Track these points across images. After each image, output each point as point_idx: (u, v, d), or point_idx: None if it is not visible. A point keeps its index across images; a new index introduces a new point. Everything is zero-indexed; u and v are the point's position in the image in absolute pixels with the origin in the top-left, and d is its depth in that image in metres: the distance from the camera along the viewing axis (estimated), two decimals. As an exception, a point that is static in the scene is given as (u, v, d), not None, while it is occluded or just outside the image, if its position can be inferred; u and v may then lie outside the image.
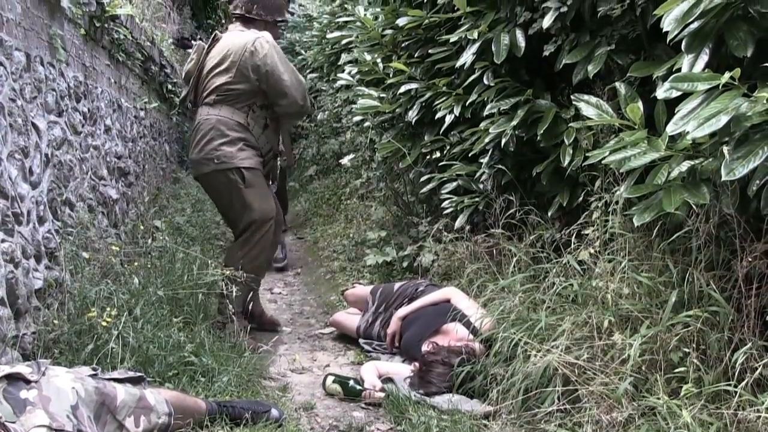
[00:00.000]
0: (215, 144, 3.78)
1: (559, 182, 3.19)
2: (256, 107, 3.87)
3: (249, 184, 3.81)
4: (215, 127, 3.79)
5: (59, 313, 2.93)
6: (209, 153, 3.78)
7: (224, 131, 3.79)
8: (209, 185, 3.95)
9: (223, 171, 3.79)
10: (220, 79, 3.81)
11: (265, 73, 3.76)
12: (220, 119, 3.80)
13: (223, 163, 3.78)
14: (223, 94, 3.82)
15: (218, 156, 3.77)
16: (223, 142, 3.78)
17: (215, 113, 3.82)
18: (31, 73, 2.98)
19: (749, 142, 1.90)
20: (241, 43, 3.79)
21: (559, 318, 2.66)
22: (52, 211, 3.17)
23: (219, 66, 3.82)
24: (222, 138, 3.78)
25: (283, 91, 3.80)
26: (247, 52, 3.76)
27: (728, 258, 2.28)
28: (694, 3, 2.06)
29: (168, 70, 6.94)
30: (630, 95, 2.52)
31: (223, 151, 3.77)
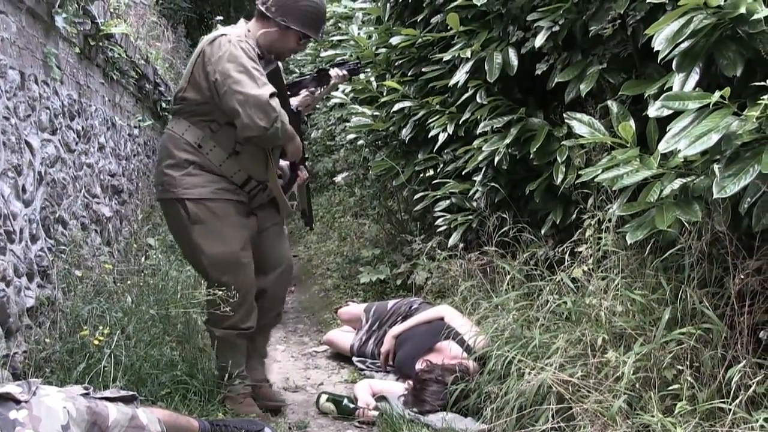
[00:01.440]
0: (162, 166, 2.95)
1: (552, 200, 3.20)
2: (216, 125, 2.90)
3: (196, 220, 2.89)
4: (165, 144, 2.98)
5: (51, 331, 2.91)
6: (157, 176, 3.02)
7: (171, 150, 2.92)
8: (164, 215, 3.23)
9: (166, 201, 2.99)
10: (180, 86, 2.99)
11: (213, 83, 2.80)
12: (171, 135, 2.96)
13: (165, 191, 2.94)
14: (178, 103, 2.98)
15: (163, 182, 2.94)
16: (169, 164, 2.92)
17: (169, 127, 3.02)
18: (25, 92, 2.99)
19: (740, 160, 1.92)
20: (201, 45, 2.91)
21: (552, 336, 2.65)
22: (45, 229, 3.16)
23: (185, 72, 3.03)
24: (168, 159, 2.93)
25: (232, 107, 2.75)
26: (201, 54, 2.86)
27: (721, 275, 2.29)
28: (684, 23, 2.08)
29: (162, 88, 6.95)
30: (622, 113, 2.54)
31: (167, 176, 2.91)
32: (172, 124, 2.99)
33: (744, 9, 1.94)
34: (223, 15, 11.28)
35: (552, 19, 2.97)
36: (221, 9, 13.00)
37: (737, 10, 1.95)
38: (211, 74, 2.78)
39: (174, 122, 2.98)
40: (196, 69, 2.86)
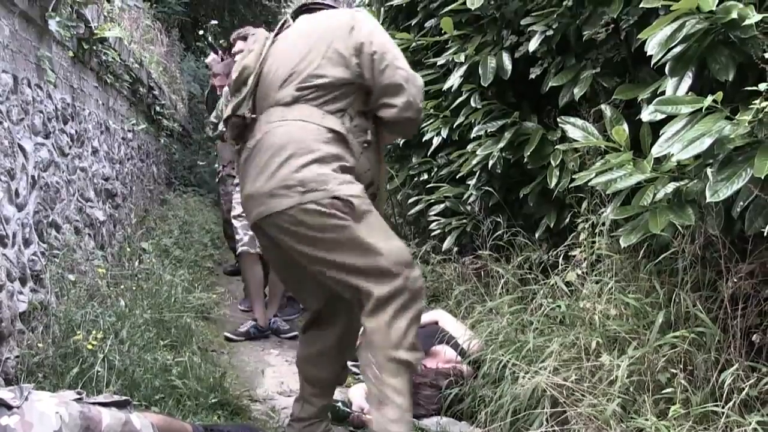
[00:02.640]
0: (298, 163, 2.31)
1: (546, 204, 3.21)
2: (353, 112, 2.43)
3: (360, 216, 2.31)
4: (296, 137, 2.34)
5: (44, 336, 2.90)
6: (287, 178, 2.30)
7: (310, 144, 2.32)
8: (287, 231, 2.34)
9: (313, 204, 2.28)
10: (301, 66, 2.40)
11: (371, 56, 2.37)
12: (303, 125, 2.35)
13: (311, 192, 2.28)
14: (305, 87, 2.38)
15: (303, 181, 2.29)
16: (311, 160, 2.31)
17: (293, 116, 2.37)
18: (18, 95, 2.98)
19: (732, 164, 1.93)
20: (334, 17, 2.52)
21: (547, 339, 2.66)
22: (38, 233, 3.15)
23: (298, 50, 2.44)
24: (308, 154, 2.31)
25: (395, 83, 2.39)
26: (345, 26, 2.42)
27: (714, 279, 2.29)
28: (676, 28, 2.09)
29: (156, 92, 6.95)
30: (615, 117, 2.55)
31: (310, 173, 2.29)
32: (297, 112, 2.38)
33: (736, 14, 1.95)
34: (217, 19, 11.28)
35: (546, 23, 2.98)
36: (215, 13, 13.00)
37: (729, 15, 1.96)
38: (367, 45, 2.38)
39: (297, 110, 2.38)
40: (337, 42, 2.39)
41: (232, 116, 2.48)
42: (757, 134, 1.88)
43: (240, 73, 2.48)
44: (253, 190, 2.37)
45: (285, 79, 2.40)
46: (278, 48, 2.49)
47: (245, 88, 2.47)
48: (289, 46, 2.47)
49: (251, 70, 2.47)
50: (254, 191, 2.37)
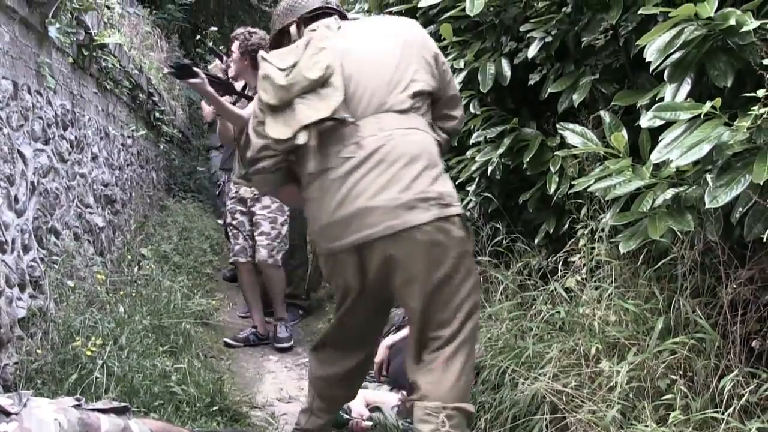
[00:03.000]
0: (432, 175, 2.18)
1: (546, 210, 3.21)
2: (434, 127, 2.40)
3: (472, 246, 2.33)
4: (427, 148, 2.22)
5: (43, 342, 2.89)
6: (426, 190, 2.14)
7: (436, 156, 2.26)
8: (421, 247, 2.13)
9: (451, 220, 2.17)
10: (404, 72, 2.27)
11: (443, 66, 2.40)
12: (425, 136, 2.25)
13: (449, 206, 2.17)
14: (413, 95, 2.26)
15: (442, 194, 2.16)
16: (440, 172, 2.23)
17: (412, 125, 2.24)
18: (18, 101, 2.98)
19: (731, 170, 1.93)
20: (402, 22, 2.48)
21: (546, 345, 2.66)
22: (38, 239, 3.15)
23: (393, 54, 2.29)
24: (437, 166, 2.23)
25: (457, 95, 2.51)
26: (419, 34, 2.39)
27: (713, 285, 2.29)
28: (675, 34, 2.10)
29: (156, 98, 6.95)
30: (614, 124, 2.55)
31: (445, 187, 2.20)
32: (415, 123, 2.25)
33: (734, 21, 1.96)
34: (217, 25, 11.30)
35: (545, 29, 2.98)
36: (215, 19, 13.02)
37: (727, 22, 1.97)
38: (440, 56, 2.39)
39: (414, 120, 2.26)
40: (422, 50, 2.33)
41: (327, 119, 2.15)
42: (755, 140, 1.89)
43: (324, 71, 2.18)
44: (379, 202, 2.12)
45: (395, 85, 2.24)
46: (358, 50, 2.29)
47: (333, 90, 2.18)
48: (373, 49, 2.30)
49: (333, 69, 2.20)
50: (381, 203, 2.11)
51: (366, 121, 2.20)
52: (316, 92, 2.17)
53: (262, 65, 2.28)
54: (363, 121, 2.20)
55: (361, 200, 2.13)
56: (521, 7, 3.19)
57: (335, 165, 2.18)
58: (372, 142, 2.17)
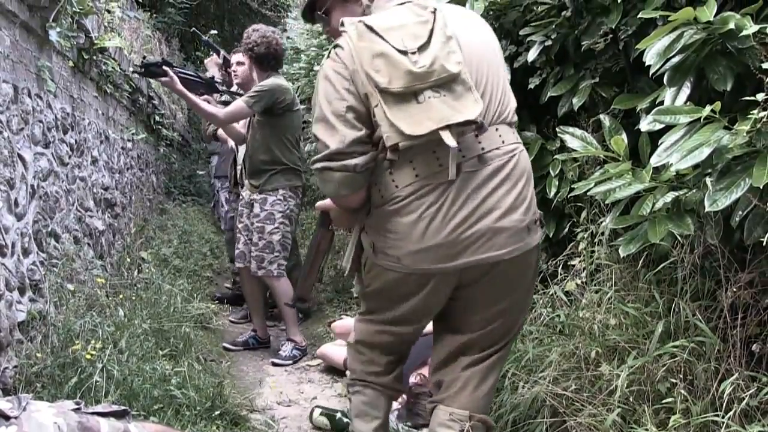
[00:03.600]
0: (534, 194, 2.09)
1: (546, 213, 3.19)
2: None
3: None
4: (529, 167, 2.08)
5: (42, 346, 2.89)
6: (536, 211, 2.07)
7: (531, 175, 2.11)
8: (522, 271, 2.06)
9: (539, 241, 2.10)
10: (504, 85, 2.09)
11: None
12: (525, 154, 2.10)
13: (540, 227, 2.11)
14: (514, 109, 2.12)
15: (540, 215, 2.11)
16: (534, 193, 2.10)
17: (518, 139, 2.09)
18: (19, 105, 2.98)
19: (731, 174, 1.94)
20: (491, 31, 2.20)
21: (546, 349, 2.66)
22: (38, 242, 3.15)
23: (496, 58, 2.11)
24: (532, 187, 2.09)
25: None
26: (496, 42, 2.18)
27: (713, 288, 2.29)
28: (675, 38, 2.10)
29: (156, 102, 6.96)
30: (614, 127, 2.56)
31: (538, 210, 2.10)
32: (517, 137, 2.08)
33: (733, 25, 1.96)
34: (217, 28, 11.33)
35: (544, 33, 2.99)
36: (215, 22, 13.05)
37: (726, 26, 1.97)
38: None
39: (516, 135, 2.09)
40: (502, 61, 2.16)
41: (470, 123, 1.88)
42: (755, 144, 1.89)
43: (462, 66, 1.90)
44: (508, 223, 1.94)
45: (504, 93, 2.05)
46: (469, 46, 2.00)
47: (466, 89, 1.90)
48: (486, 50, 2.07)
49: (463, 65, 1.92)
50: (509, 224, 1.94)
51: (489, 132, 1.95)
52: (451, 88, 1.88)
53: (363, 35, 1.92)
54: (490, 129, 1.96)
55: (489, 220, 1.92)
56: (521, 10, 3.19)
57: (455, 179, 1.90)
58: (496, 157, 1.95)
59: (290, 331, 4.36)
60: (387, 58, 1.87)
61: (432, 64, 1.86)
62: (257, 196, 4.23)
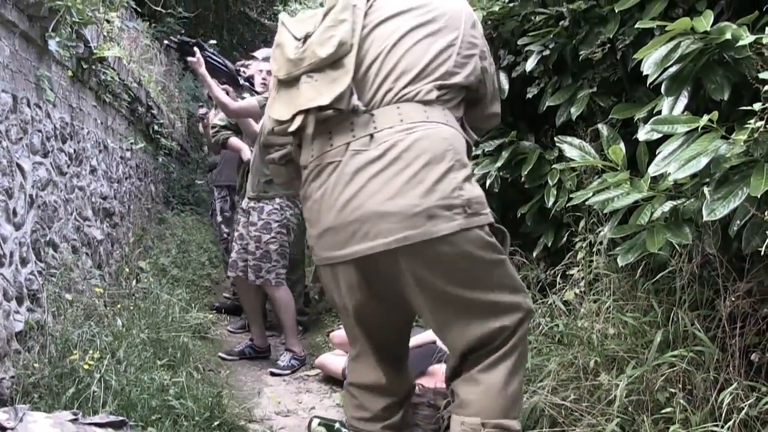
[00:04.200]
0: (458, 177, 1.85)
1: (544, 223, 3.21)
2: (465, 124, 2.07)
3: (507, 251, 2.02)
4: (455, 145, 1.88)
5: (40, 356, 2.88)
6: (451, 195, 1.82)
7: (463, 158, 1.91)
8: (442, 262, 1.85)
9: (478, 231, 1.87)
10: (440, 56, 1.93)
11: (490, 61, 2.10)
12: (453, 132, 1.91)
13: (477, 215, 1.86)
14: (445, 86, 1.93)
15: (470, 200, 1.84)
16: (467, 175, 1.89)
17: (438, 119, 1.90)
18: (18, 114, 2.99)
19: (729, 183, 1.94)
20: (455, 4, 2.04)
21: (545, 358, 2.65)
22: (36, 252, 3.15)
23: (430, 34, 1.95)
24: (464, 168, 1.89)
25: (497, 90, 2.19)
26: (468, 18, 2.03)
27: (712, 297, 2.30)
28: (672, 48, 2.11)
29: (155, 111, 6.97)
30: (612, 137, 2.56)
31: (473, 192, 1.88)
32: (443, 116, 1.91)
33: (730, 35, 1.97)
34: (216, 38, 11.34)
35: (542, 43, 3.00)
36: (214, 32, 13.08)
37: (723, 36, 1.99)
38: (482, 47, 2.04)
39: (443, 113, 1.92)
40: (467, 37, 1.98)
41: (325, 108, 1.84)
42: (752, 153, 1.90)
43: (336, 49, 1.86)
44: (395, 207, 1.77)
45: (420, 71, 1.89)
46: (387, 27, 1.94)
47: (343, 73, 1.85)
48: (406, 26, 1.94)
49: (348, 47, 1.87)
50: (397, 209, 1.77)
51: (384, 110, 1.86)
52: (325, 72, 1.86)
53: (278, 30, 2.01)
54: (380, 110, 1.87)
55: (372, 203, 1.79)
56: (519, 20, 3.21)
57: (342, 159, 1.85)
58: (389, 135, 1.83)
59: (289, 341, 4.34)
60: (281, 48, 1.95)
61: (305, 50, 1.88)
62: (255, 204, 4.22)
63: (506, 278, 1.94)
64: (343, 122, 1.86)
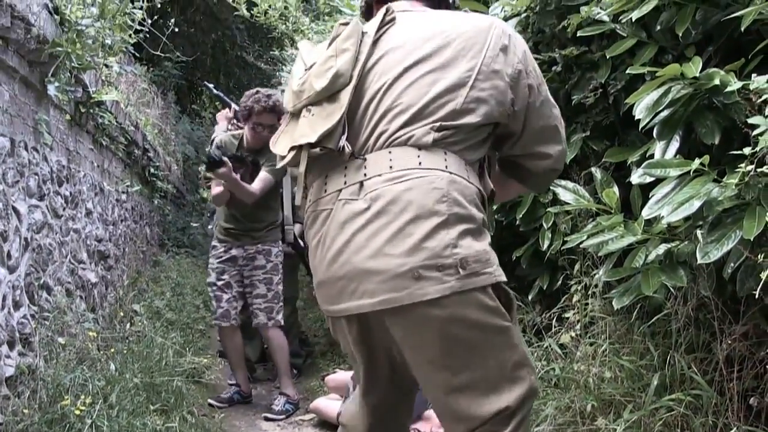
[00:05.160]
0: (452, 234, 1.60)
1: (539, 266, 3.21)
2: (485, 165, 1.82)
3: (515, 318, 1.72)
4: (446, 196, 1.62)
5: (30, 401, 2.84)
6: (441, 253, 1.58)
7: (467, 207, 1.64)
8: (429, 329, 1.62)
9: (475, 293, 1.61)
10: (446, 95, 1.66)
11: (528, 89, 1.74)
12: (453, 179, 1.64)
13: (474, 275, 1.60)
14: (449, 128, 1.66)
15: (465, 259, 1.60)
16: (466, 229, 1.62)
17: (436, 165, 1.65)
18: (15, 158, 3.00)
19: (722, 226, 1.95)
20: (477, 26, 1.73)
21: (542, 403, 2.63)
22: (29, 295, 3.13)
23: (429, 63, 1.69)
24: (464, 223, 1.62)
25: (554, 125, 1.84)
26: (495, 43, 1.71)
27: (708, 340, 2.29)
28: (663, 93, 2.15)
29: (151, 154, 7.01)
30: (606, 180, 2.58)
31: (470, 251, 1.61)
32: (442, 160, 1.66)
33: (718, 80, 2.01)
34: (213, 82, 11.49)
35: (535, 88, 3.04)
36: (211, 75, 13.23)
37: (712, 82, 2.02)
38: (524, 75, 1.73)
39: (442, 157, 1.66)
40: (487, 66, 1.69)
41: (315, 146, 1.67)
42: (744, 196, 1.91)
43: (332, 81, 1.67)
44: (378, 265, 1.59)
45: (419, 111, 1.66)
46: (391, 58, 1.72)
47: (337, 108, 1.66)
48: (411, 57, 1.70)
49: (346, 81, 1.68)
50: (380, 267, 1.59)
51: (376, 155, 1.67)
52: (322, 106, 1.69)
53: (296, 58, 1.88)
54: (372, 155, 1.67)
55: (358, 259, 1.62)
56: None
57: (333, 207, 1.69)
58: (376, 184, 1.63)
59: (283, 382, 4.30)
60: (291, 78, 1.82)
61: (304, 81, 1.73)
62: (261, 247, 4.24)
63: (509, 350, 1.66)
64: (338, 166, 1.69)
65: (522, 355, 1.68)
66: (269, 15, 7.26)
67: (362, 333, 1.75)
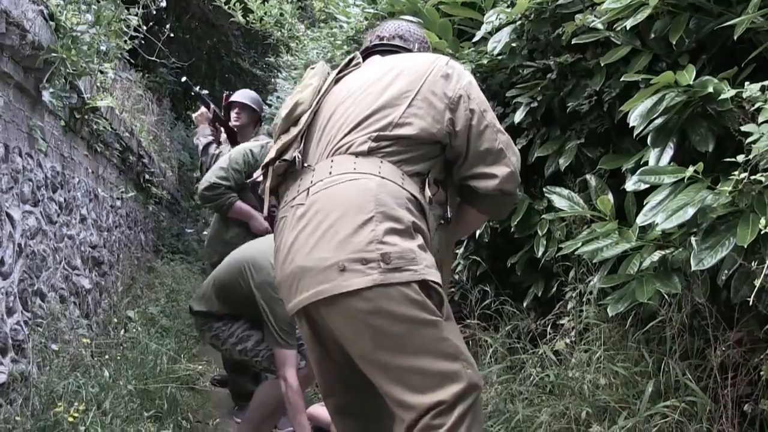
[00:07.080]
0: (378, 231, 1.72)
1: (534, 273, 3.21)
2: (431, 179, 1.93)
3: (448, 315, 1.82)
4: (379, 197, 1.77)
5: (23, 408, 2.83)
6: (364, 248, 1.72)
7: (394, 209, 1.77)
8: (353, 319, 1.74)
9: (398, 287, 1.71)
10: (383, 110, 1.88)
11: (469, 113, 1.91)
12: (383, 183, 1.80)
13: (398, 271, 1.71)
14: (384, 138, 1.86)
15: (388, 255, 1.71)
16: (393, 228, 1.75)
17: (369, 170, 1.82)
18: (9, 164, 2.99)
19: (716, 233, 1.96)
20: (422, 58, 2.00)
21: (536, 409, 2.63)
22: (23, 301, 3.12)
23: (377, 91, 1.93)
24: (390, 221, 1.75)
25: (499, 149, 1.95)
26: (437, 71, 1.94)
27: (702, 347, 2.29)
28: (657, 100, 2.16)
29: (146, 160, 7.00)
30: (600, 187, 2.59)
31: (395, 248, 1.72)
32: (375, 166, 1.83)
33: (711, 88, 2.02)
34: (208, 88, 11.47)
35: (530, 95, 3.05)
36: (206, 82, 13.24)
37: (706, 89, 2.03)
38: (465, 99, 1.92)
39: (376, 164, 1.83)
40: (427, 90, 1.90)
41: (275, 160, 1.93)
42: (738, 204, 1.92)
43: (291, 110, 1.97)
44: (309, 261, 1.75)
45: (358, 123, 1.87)
46: (346, 87, 1.99)
47: (296, 129, 1.95)
48: (363, 85, 1.96)
49: (306, 107, 1.97)
50: (310, 264, 1.75)
51: (321, 164, 1.88)
52: (289, 131, 1.96)
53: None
54: (319, 164, 1.88)
55: (299, 258, 1.79)
56: (507, 73, 3.26)
57: (287, 214, 1.88)
58: (317, 188, 1.83)
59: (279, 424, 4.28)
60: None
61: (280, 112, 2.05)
62: None
63: (439, 342, 1.73)
64: (296, 177, 1.91)
65: (455, 348, 1.76)
66: (265, 22, 7.27)
67: (312, 328, 1.91)
